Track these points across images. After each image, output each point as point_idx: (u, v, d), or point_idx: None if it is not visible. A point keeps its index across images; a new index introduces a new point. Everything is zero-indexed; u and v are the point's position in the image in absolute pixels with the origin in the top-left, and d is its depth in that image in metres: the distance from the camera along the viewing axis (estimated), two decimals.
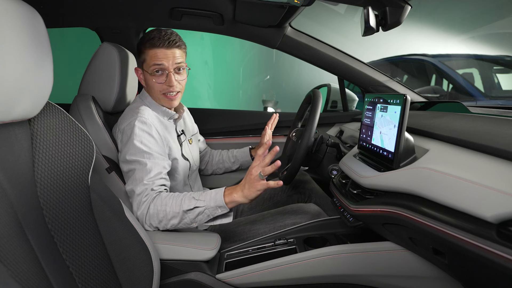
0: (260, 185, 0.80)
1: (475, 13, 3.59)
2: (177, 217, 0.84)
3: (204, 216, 0.85)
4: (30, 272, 0.49)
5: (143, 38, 0.96)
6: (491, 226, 0.44)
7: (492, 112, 1.05)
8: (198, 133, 1.32)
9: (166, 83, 0.96)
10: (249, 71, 4.30)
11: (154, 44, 0.93)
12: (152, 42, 0.93)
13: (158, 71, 0.95)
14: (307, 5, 0.98)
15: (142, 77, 1.01)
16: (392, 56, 3.66)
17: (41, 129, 0.63)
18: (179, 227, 0.87)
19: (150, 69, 0.95)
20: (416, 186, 0.58)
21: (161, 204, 0.84)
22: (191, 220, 0.85)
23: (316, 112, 1.06)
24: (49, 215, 0.59)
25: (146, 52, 0.95)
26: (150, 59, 0.95)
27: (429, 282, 0.79)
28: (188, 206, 0.83)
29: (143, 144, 0.90)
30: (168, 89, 0.97)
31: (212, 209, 0.84)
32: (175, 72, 0.97)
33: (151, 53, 0.94)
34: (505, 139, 0.55)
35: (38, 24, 0.56)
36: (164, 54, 0.94)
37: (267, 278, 0.84)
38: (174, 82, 0.96)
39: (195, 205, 0.83)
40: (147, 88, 1.01)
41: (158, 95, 0.99)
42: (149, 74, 0.96)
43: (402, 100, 0.67)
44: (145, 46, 0.95)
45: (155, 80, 0.96)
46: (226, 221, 0.88)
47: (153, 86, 0.97)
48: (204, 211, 0.84)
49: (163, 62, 0.94)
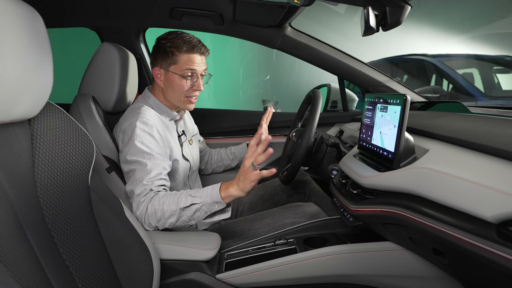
0: (253, 175, 0.81)
1: (475, 13, 3.59)
2: (175, 215, 0.84)
3: (202, 213, 0.85)
4: (30, 272, 0.49)
5: (174, 41, 0.97)
6: (491, 226, 0.44)
7: (492, 112, 1.05)
8: (198, 134, 1.33)
9: (195, 87, 1.01)
10: (249, 71, 4.29)
11: (192, 50, 0.97)
12: (188, 47, 0.97)
13: (190, 75, 0.99)
14: (307, 5, 0.98)
15: (161, 78, 1.02)
16: (392, 56, 3.66)
17: (41, 129, 0.63)
18: (178, 225, 0.87)
19: (183, 72, 0.97)
20: (416, 186, 0.58)
21: (159, 203, 0.84)
22: (189, 217, 0.85)
23: (316, 112, 1.06)
24: (49, 215, 0.59)
25: (180, 54, 0.97)
26: (184, 62, 0.97)
27: (429, 282, 0.79)
28: (185, 204, 0.83)
29: (143, 145, 0.90)
30: (193, 93, 1.02)
31: (209, 205, 0.84)
32: (200, 77, 1.02)
33: (186, 57, 0.97)
34: (505, 139, 0.55)
35: (38, 24, 0.56)
36: (199, 60, 1.00)
37: (267, 278, 0.84)
38: (202, 86, 1.02)
39: (192, 202, 0.84)
40: (169, 89, 1.01)
41: (180, 97, 1.01)
42: (179, 76, 0.98)
43: (402, 100, 0.67)
44: (180, 49, 0.97)
45: (186, 82, 0.99)
46: (224, 217, 0.88)
47: (179, 88, 0.99)
48: (201, 208, 0.84)
49: (196, 67, 0.99)
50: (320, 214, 1.06)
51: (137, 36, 1.45)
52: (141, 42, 1.50)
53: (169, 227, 0.87)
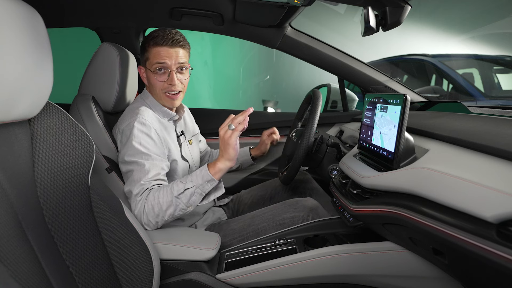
0: (232, 138, 0.84)
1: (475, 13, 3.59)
2: (172, 205, 0.85)
3: (197, 196, 0.87)
4: (30, 272, 0.49)
5: (148, 37, 0.97)
6: (491, 226, 0.44)
7: (492, 112, 1.05)
8: (199, 134, 1.32)
9: (168, 82, 0.97)
10: (249, 71, 4.29)
11: (158, 43, 0.94)
12: (155, 40, 0.94)
13: (160, 70, 0.96)
14: (307, 5, 0.98)
15: (144, 76, 1.02)
16: (392, 56, 3.66)
17: (41, 129, 0.63)
18: (177, 215, 0.88)
19: (153, 67, 0.96)
20: (416, 186, 0.58)
21: (154, 198, 0.85)
22: (185, 203, 0.86)
23: (316, 112, 1.06)
24: (49, 215, 0.59)
25: (149, 50, 0.96)
26: (153, 57, 0.96)
27: (429, 282, 0.79)
28: (178, 191, 0.85)
29: (141, 146, 0.90)
30: (169, 88, 0.98)
31: (202, 185, 0.86)
32: (178, 71, 0.98)
33: (154, 51, 0.95)
34: (505, 139, 0.55)
35: (38, 24, 0.56)
36: (167, 53, 0.95)
37: (267, 278, 0.84)
38: (176, 81, 0.97)
39: (185, 188, 0.86)
40: (149, 86, 1.02)
41: (159, 94, 0.99)
42: (151, 72, 0.97)
43: (402, 100, 0.67)
44: (149, 44, 0.96)
45: (157, 78, 0.97)
46: (219, 193, 0.91)
47: (154, 84, 0.98)
48: (195, 191, 0.86)
49: (166, 60, 0.95)
50: (318, 208, 1.06)
51: (137, 36, 1.45)
52: (141, 42, 1.50)
53: (169, 219, 0.87)
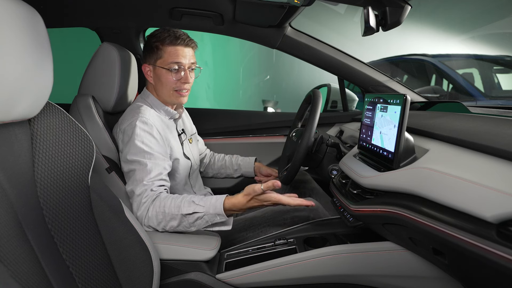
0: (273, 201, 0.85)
1: (475, 13, 3.59)
2: (176, 219, 0.84)
3: (203, 222, 0.85)
4: (30, 272, 0.49)
5: (159, 36, 0.98)
6: (491, 226, 0.44)
7: (492, 112, 1.05)
8: (197, 134, 1.32)
9: (182, 80, 1.00)
10: (249, 71, 4.29)
11: (175, 42, 0.97)
12: (171, 39, 0.96)
13: (176, 68, 0.98)
14: (307, 5, 0.98)
15: (151, 74, 1.02)
16: (392, 56, 3.66)
17: (41, 129, 0.63)
18: (178, 230, 0.87)
19: (168, 65, 0.97)
20: (416, 186, 0.58)
21: (160, 206, 0.84)
22: (190, 224, 0.85)
23: (316, 112, 1.06)
24: (49, 215, 0.59)
25: (164, 48, 0.97)
26: (168, 55, 0.97)
27: (429, 282, 0.79)
28: (187, 211, 0.83)
29: (144, 144, 0.90)
30: (182, 86, 1.01)
31: (211, 215, 0.84)
32: (190, 70, 1.01)
33: (170, 50, 0.97)
34: (505, 139, 0.55)
35: (38, 24, 0.56)
36: (183, 52, 0.98)
37: (267, 278, 0.84)
38: (190, 79, 1.01)
39: (194, 210, 0.83)
40: (158, 84, 1.02)
41: (170, 91, 1.01)
42: (165, 70, 0.98)
43: (402, 100, 0.67)
44: (164, 43, 0.97)
45: (172, 76, 0.99)
46: (224, 229, 0.88)
47: (167, 82, 0.99)
48: (203, 217, 0.84)
49: (182, 59, 0.98)
50: (318, 208, 1.06)
51: (137, 36, 1.45)
52: (141, 42, 1.50)
53: (169, 230, 0.87)
